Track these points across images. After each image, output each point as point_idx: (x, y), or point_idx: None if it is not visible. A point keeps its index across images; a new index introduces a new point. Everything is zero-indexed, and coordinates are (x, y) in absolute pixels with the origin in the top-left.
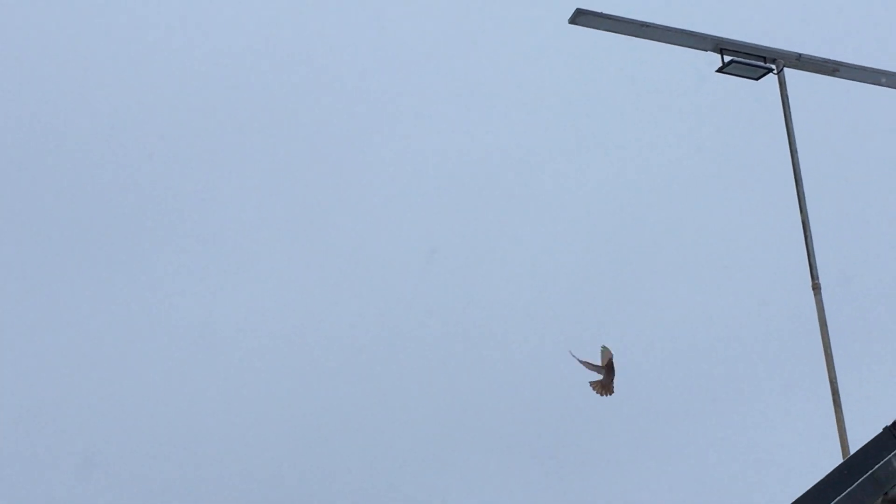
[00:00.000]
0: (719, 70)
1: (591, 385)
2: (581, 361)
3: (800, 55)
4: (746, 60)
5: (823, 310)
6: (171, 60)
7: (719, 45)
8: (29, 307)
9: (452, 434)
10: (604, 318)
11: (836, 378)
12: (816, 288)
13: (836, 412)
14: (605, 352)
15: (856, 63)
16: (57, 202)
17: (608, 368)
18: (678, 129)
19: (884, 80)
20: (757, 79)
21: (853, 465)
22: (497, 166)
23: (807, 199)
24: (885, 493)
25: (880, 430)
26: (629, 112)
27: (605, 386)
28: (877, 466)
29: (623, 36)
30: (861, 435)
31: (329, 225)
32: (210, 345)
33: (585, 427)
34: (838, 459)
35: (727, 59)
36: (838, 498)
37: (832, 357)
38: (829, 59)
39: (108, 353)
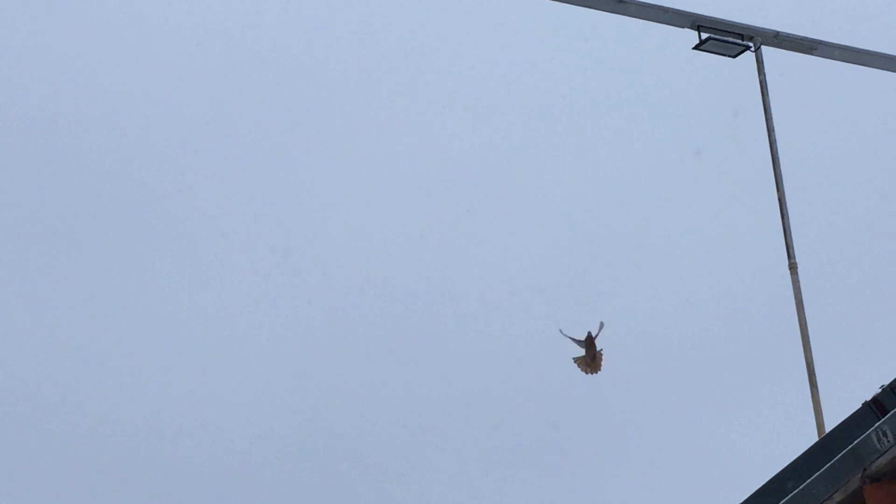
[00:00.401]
0: (696, 47)
1: (574, 361)
2: (570, 338)
3: (777, 33)
4: (723, 38)
5: (800, 289)
6: (154, 54)
7: (696, 22)
8: (10, 299)
9: (431, 431)
10: (583, 302)
11: (812, 357)
12: (793, 267)
13: (811, 391)
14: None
15: (834, 41)
16: (38, 195)
17: (588, 344)
18: (654, 107)
19: (862, 58)
20: (734, 56)
21: (832, 441)
22: (474, 154)
23: (783, 177)
24: (865, 469)
25: (860, 406)
26: (604, 90)
27: (587, 363)
28: (857, 441)
29: (599, 12)
30: (837, 414)
31: (309, 217)
32: (189, 338)
33: (566, 419)
34: (814, 439)
35: (704, 36)
36: (817, 473)
37: (808, 336)
38: (806, 38)
39: (88, 345)
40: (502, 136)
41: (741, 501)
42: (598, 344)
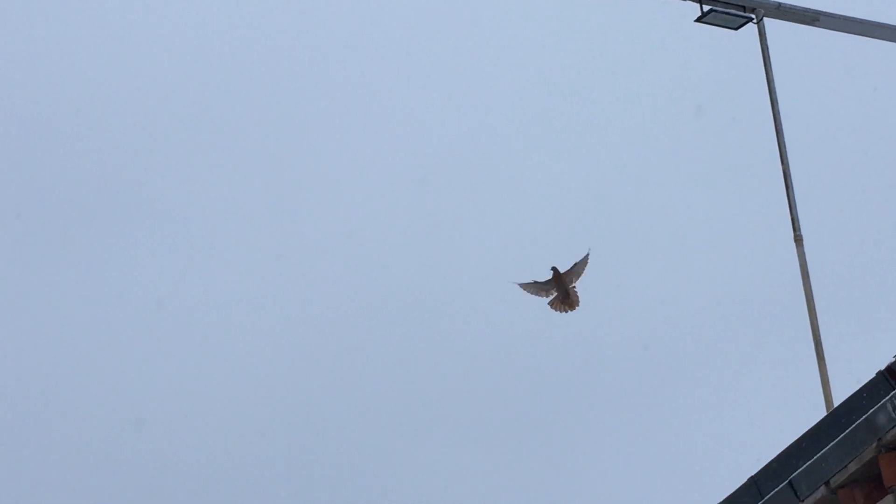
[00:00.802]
0: (698, 19)
1: (550, 306)
2: (526, 287)
3: (779, 4)
4: (726, 10)
5: (806, 262)
6: (144, 47)
7: None
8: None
9: (424, 415)
10: (588, 280)
11: (819, 330)
12: (798, 240)
13: (819, 364)
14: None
15: (836, 12)
16: (25, 183)
17: (557, 282)
18: (656, 80)
19: (864, 29)
20: (736, 28)
21: (846, 411)
22: (469, 138)
23: (787, 149)
24: (880, 439)
25: (874, 375)
26: (606, 62)
27: (561, 301)
28: (871, 411)
29: None
30: (845, 386)
31: (297, 205)
32: (178, 325)
33: (574, 399)
34: (822, 411)
35: (706, 8)
36: (832, 443)
37: (815, 309)
38: (809, 9)
39: (75, 332)
40: (499, 118)
41: (755, 473)
42: (571, 278)
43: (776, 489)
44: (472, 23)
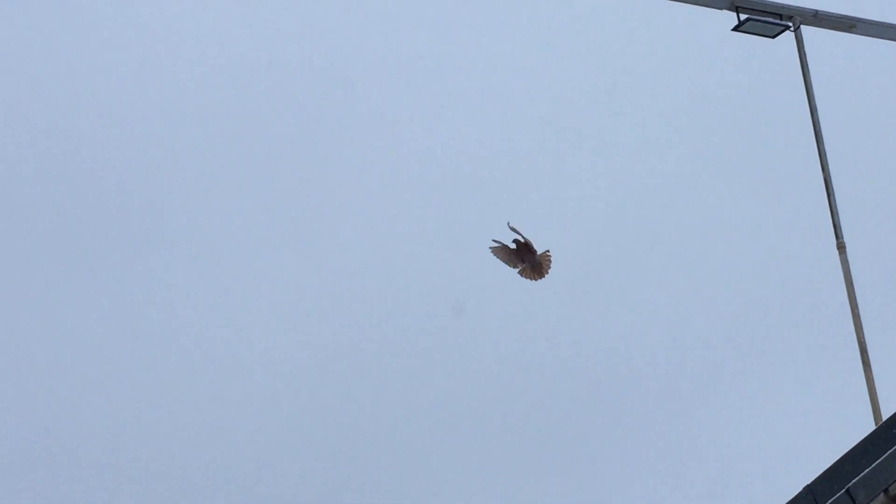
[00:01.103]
0: (735, 29)
1: (521, 275)
2: (497, 252)
3: (816, 12)
4: (762, 18)
5: (849, 269)
6: (161, 66)
7: (735, 3)
8: (22, 310)
9: (441, 428)
10: (624, 281)
11: (864, 337)
12: (841, 248)
13: (865, 372)
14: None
15: (873, 19)
16: (51, 206)
17: (524, 252)
18: (694, 90)
19: None
20: (773, 37)
21: None
22: (494, 148)
23: (828, 157)
24: None
25: None
26: (644, 72)
27: (532, 269)
28: None
29: None
30: (892, 394)
31: (321, 226)
32: (201, 348)
33: (616, 411)
34: (869, 419)
35: (743, 17)
36: (890, 451)
37: (860, 316)
38: (845, 16)
39: (101, 356)
40: (535, 131)
41: (810, 481)
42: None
43: (834, 497)
44: (500, 31)
